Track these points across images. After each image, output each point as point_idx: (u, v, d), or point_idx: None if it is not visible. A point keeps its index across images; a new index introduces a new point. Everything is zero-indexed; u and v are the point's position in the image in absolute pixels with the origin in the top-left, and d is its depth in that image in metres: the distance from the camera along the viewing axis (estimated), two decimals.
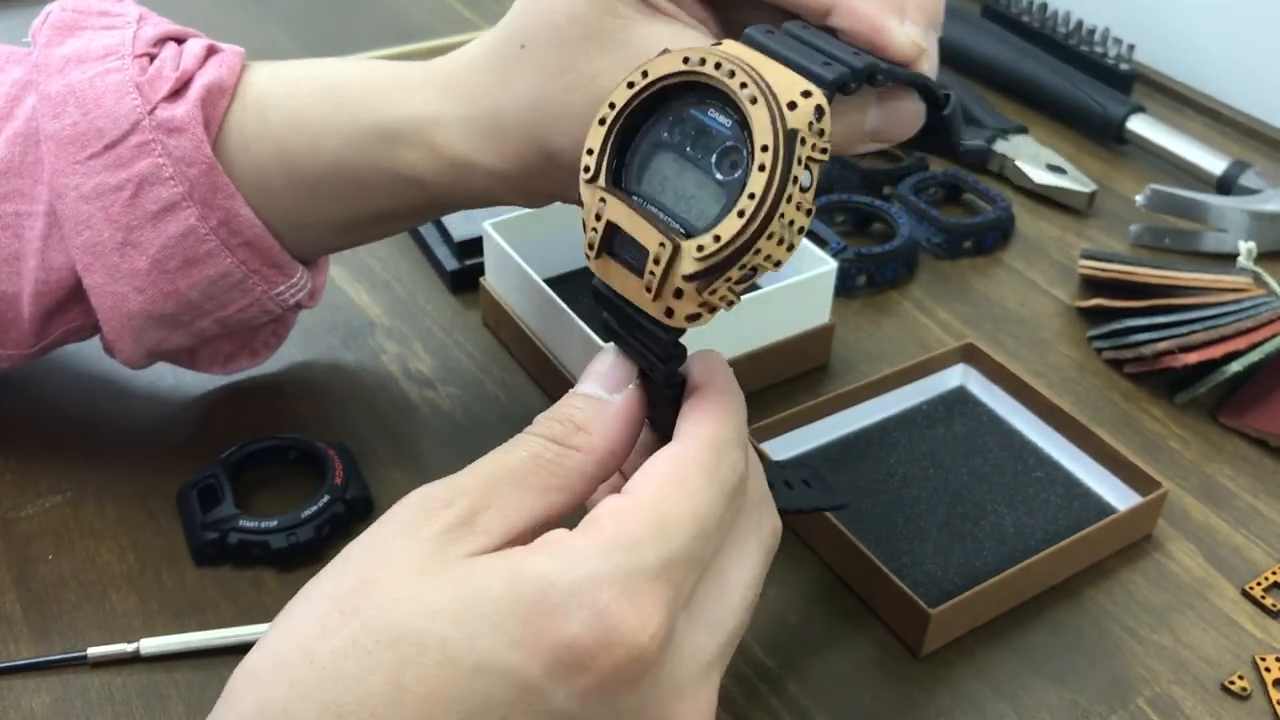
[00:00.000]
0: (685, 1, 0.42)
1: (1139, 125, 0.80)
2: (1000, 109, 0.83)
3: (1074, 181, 0.76)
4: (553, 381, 0.59)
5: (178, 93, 0.47)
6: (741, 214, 0.32)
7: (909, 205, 0.72)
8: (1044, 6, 0.92)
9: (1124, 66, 0.86)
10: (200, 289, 0.49)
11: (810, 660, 0.48)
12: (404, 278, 0.67)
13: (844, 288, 0.67)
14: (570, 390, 0.36)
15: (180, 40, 0.50)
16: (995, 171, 0.79)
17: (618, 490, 0.33)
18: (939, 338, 0.65)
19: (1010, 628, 0.49)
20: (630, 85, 0.33)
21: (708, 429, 0.34)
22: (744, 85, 0.32)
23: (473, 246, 0.65)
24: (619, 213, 0.33)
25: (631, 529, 0.31)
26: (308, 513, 0.50)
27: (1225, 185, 0.75)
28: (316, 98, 0.47)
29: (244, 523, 0.50)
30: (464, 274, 0.66)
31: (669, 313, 0.33)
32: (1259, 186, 0.73)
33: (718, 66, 0.32)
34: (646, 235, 0.33)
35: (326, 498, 0.51)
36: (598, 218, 0.34)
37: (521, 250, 0.59)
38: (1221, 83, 0.88)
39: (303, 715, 0.30)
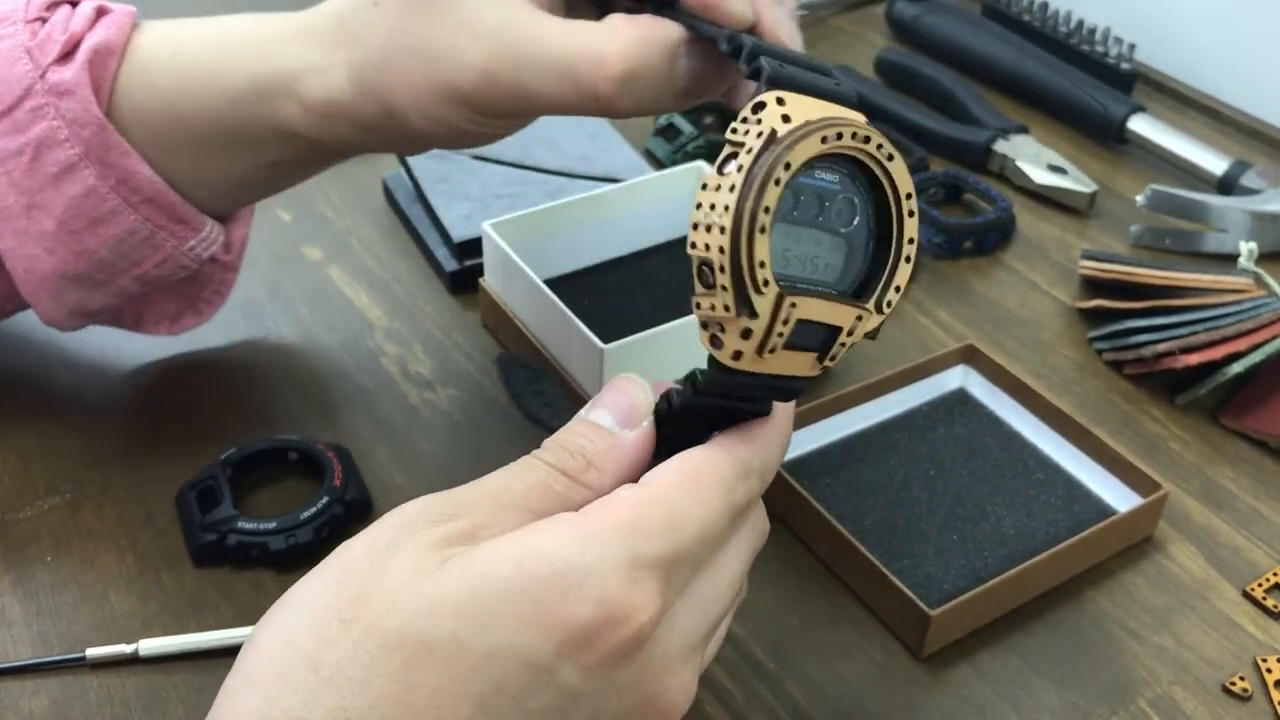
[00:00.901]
0: None
1: (1140, 125, 0.80)
2: (1001, 109, 0.83)
3: (1075, 182, 0.75)
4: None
5: (67, 55, 0.48)
6: (909, 260, 0.35)
7: None
8: (1045, 6, 0.91)
9: (1125, 66, 0.86)
10: (109, 247, 0.50)
11: (810, 662, 0.48)
12: (403, 279, 0.67)
13: None
14: (581, 415, 0.36)
15: (75, 2, 0.50)
16: (996, 172, 0.78)
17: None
18: (939, 339, 0.65)
19: (1011, 629, 0.49)
20: (778, 183, 0.32)
21: (743, 450, 0.34)
22: (879, 146, 0.34)
23: (472, 247, 0.65)
24: (812, 309, 0.33)
25: (647, 520, 0.32)
26: (307, 514, 0.50)
27: (1226, 185, 0.75)
28: (198, 57, 0.49)
29: (243, 524, 0.50)
30: (463, 275, 0.66)
31: (831, 362, 0.35)
32: (1260, 187, 0.73)
33: (853, 137, 0.33)
34: (841, 316, 0.34)
35: (325, 499, 0.51)
36: (786, 321, 0.33)
37: (521, 251, 0.59)
38: (1222, 83, 0.88)
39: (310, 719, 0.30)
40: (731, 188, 0.31)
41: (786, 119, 0.32)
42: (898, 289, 0.35)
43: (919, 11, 0.93)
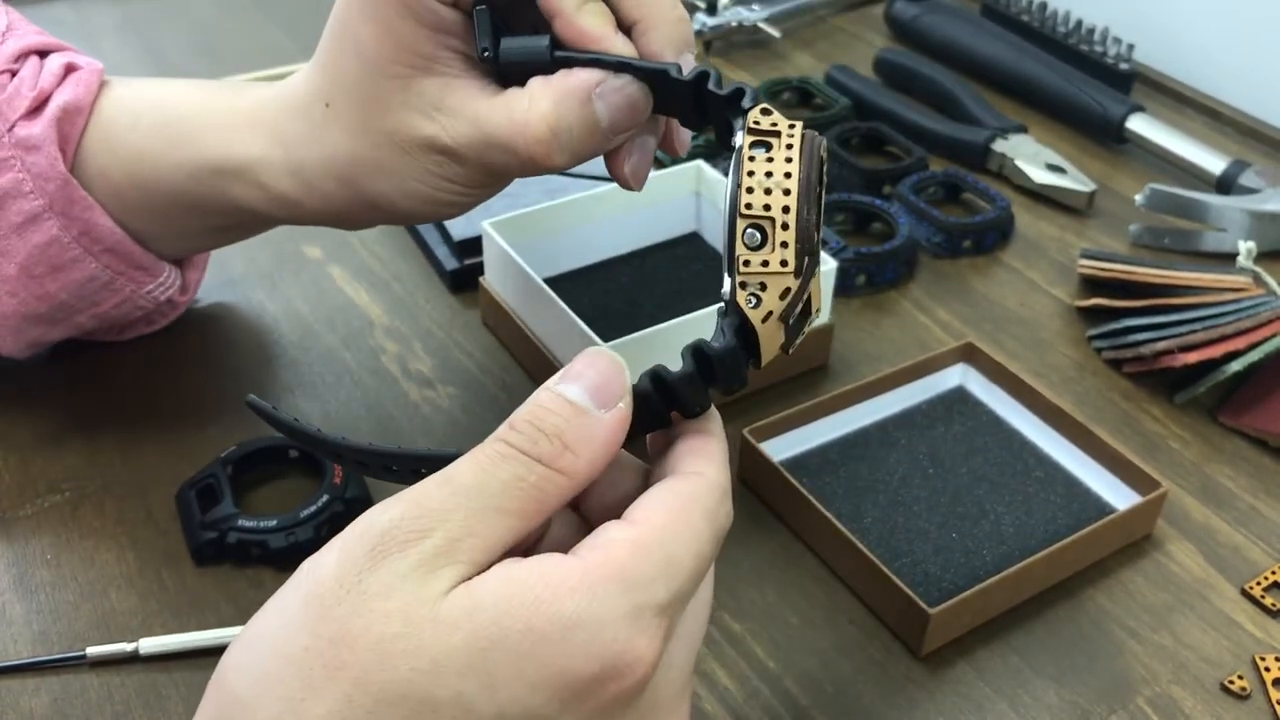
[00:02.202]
0: (457, 54, 0.44)
1: (1138, 125, 0.80)
2: (1000, 108, 0.83)
3: (1073, 181, 0.75)
4: None
5: (35, 110, 0.50)
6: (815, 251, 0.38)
7: (908, 204, 0.72)
8: (1043, 6, 0.92)
9: (1123, 66, 0.86)
10: (69, 291, 0.52)
11: (810, 660, 0.48)
12: (404, 277, 0.67)
13: (843, 287, 0.67)
14: (549, 386, 0.33)
15: (44, 54, 0.52)
16: (995, 171, 0.79)
17: None
18: (938, 337, 0.65)
19: (1010, 627, 0.49)
20: (823, 162, 0.36)
21: (715, 472, 0.34)
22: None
23: (472, 246, 0.65)
24: (815, 284, 0.37)
25: (646, 566, 0.31)
26: (307, 512, 0.50)
27: (1225, 185, 0.75)
28: (154, 132, 0.50)
29: (243, 522, 0.50)
30: (463, 273, 0.66)
31: (762, 365, 0.36)
32: (1258, 186, 0.73)
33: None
34: (815, 295, 0.37)
35: (325, 497, 0.51)
36: (809, 289, 0.36)
37: (521, 250, 0.59)
38: (1221, 82, 0.88)
39: None
40: (788, 159, 0.35)
41: (791, 124, 0.37)
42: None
43: (918, 11, 0.93)
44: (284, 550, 0.49)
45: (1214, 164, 0.76)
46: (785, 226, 0.34)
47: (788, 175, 0.35)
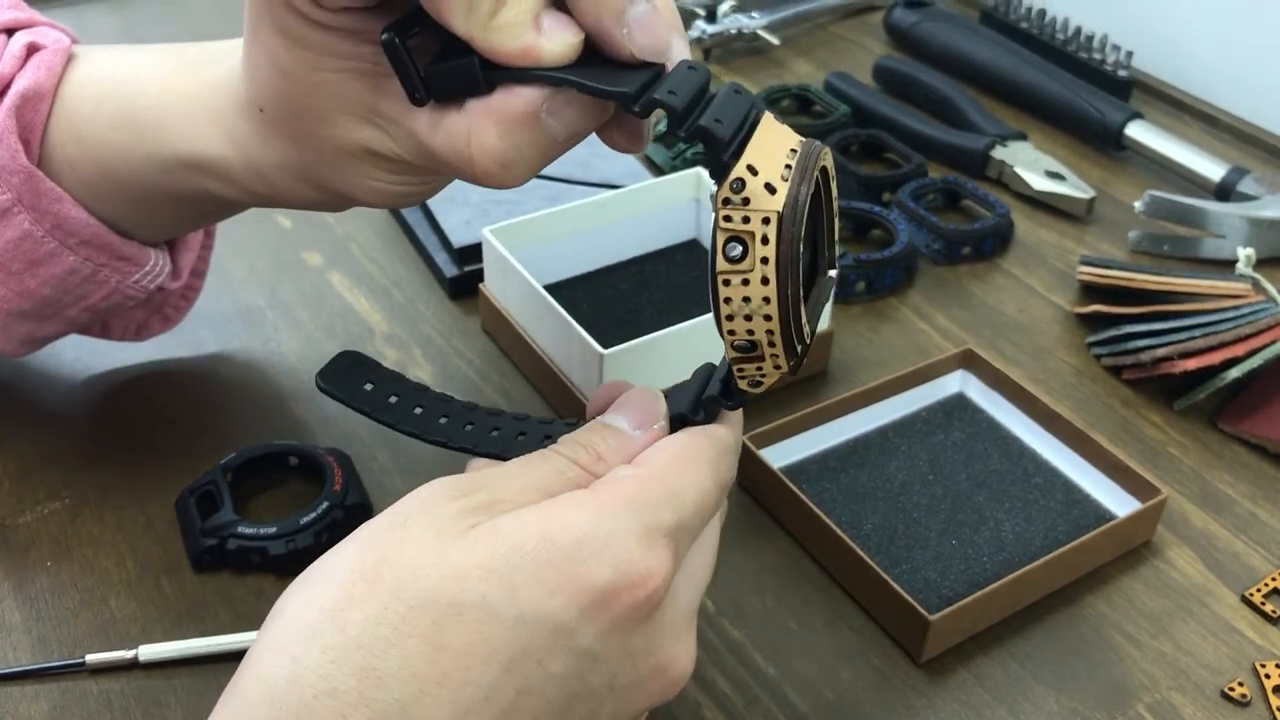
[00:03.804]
0: (373, 53, 0.39)
1: (1137, 131, 0.80)
2: (999, 115, 0.83)
3: (1073, 188, 0.76)
4: (552, 387, 0.59)
5: None
6: (832, 265, 0.40)
7: (908, 211, 0.72)
8: (1042, 13, 0.92)
9: (1122, 73, 0.86)
10: (52, 286, 0.50)
11: (810, 667, 0.48)
12: (403, 284, 0.67)
13: (843, 294, 0.67)
14: (600, 420, 0.38)
15: (10, 31, 0.49)
16: (994, 178, 0.79)
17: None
18: (938, 344, 0.65)
19: (1010, 634, 0.49)
20: (798, 257, 0.34)
21: (720, 432, 0.38)
22: (824, 169, 0.36)
23: (472, 253, 0.65)
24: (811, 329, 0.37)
25: (652, 492, 0.34)
26: (307, 519, 0.50)
27: (1223, 191, 0.75)
28: (118, 124, 0.47)
29: (243, 529, 0.50)
30: (463, 280, 0.66)
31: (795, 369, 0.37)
32: (1257, 193, 0.73)
33: (821, 173, 0.36)
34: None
35: (325, 504, 0.51)
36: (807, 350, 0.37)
37: (521, 256, 0.59)
38: (1219, 89, 0.88)
39: (341, 681, 0.30)
40: (764, 280, 0.33)
41: (770, 188, 0.33)
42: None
43: (917, 19, 0.93)
44: (284, 557, 0.49)
45: (1213, 171, 0.76)
46: (773, 344, 0.35)
47: (766, 300, 0.34)
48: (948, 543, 0.52)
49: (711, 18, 0.94)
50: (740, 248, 0.33)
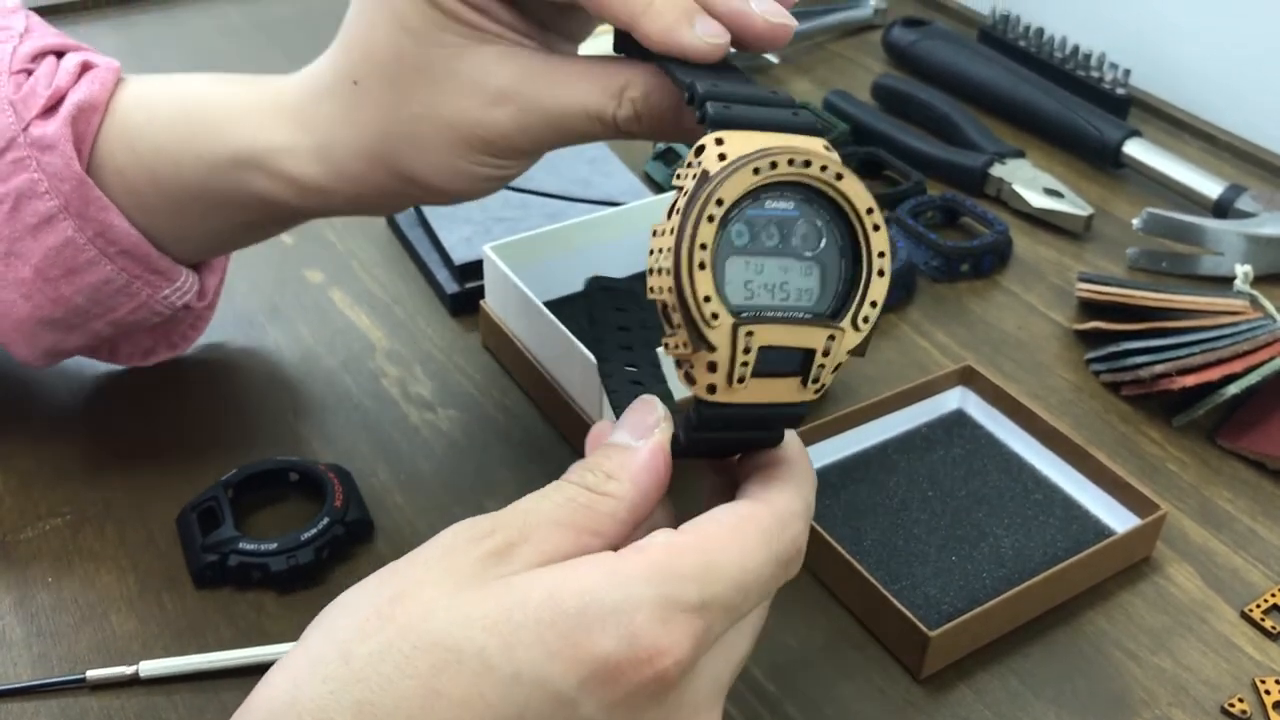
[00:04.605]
0: (507, 20, 0.43)
1: (1135, 149, 0.80)
2: (998, 133, 0.84)
3: (1071, 205, 0.76)
4: (552, 403, 0.59)
5: (51, 110, 0.49)
6: (882, 273, 0.35)
7: (906, 228, 0.72)
8: (1041, 32, 0.92)
9: (1120, 91, 0.86)
10: (85, 295, 0.51)
11: (810, 683, 0.48)
12: (404, 301, 0.67)
13: None
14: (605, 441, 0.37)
15: (60, 54, 0.51)
16: (992, 195, 0.79)
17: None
18: (937, 360, 0.65)
19: (1009, 650, 0.49)
20: (711, 219, 0.33)
21: (782, 499, 0.35)
22: (824, 168, 0.34)
23: (473, 270, 0.65)
24: (770, 334, 0.34)
25: (679, 563, 0.32)
26: (307, 535, 0.50)
27: (1221, 209, 0.75)
28: (174, 125, 0.49)
29: (244, 545, 0.50)
30: (464, 297, 0.66)
31: (821, 388, 0.35)
32: (1255, 210, 0.74)
33: (790, 164, 0.34)
34: (809, 338, 0.34)
35: (326, 520, 0.51)
36: (747, 350, 0.34)
37: (521, 273, 0.59)
38: (1217, 107, 0.88)
39: (337, 713, 0.30)
40: (671, 231, 0.33)
41: (723, 157, 0.33)
42: (874, 303, 0.35)
43: (916, 37, 0.93)
44: (284, 573, 0.49)
45: (1210, 188, 0.76)
46: (674, 309, 0.33)
47: (666, 251, 0.33)
48: (947, 559, 0.52)
49: None
50: (672, 203, 0.34)
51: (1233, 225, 0.72)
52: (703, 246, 0.33)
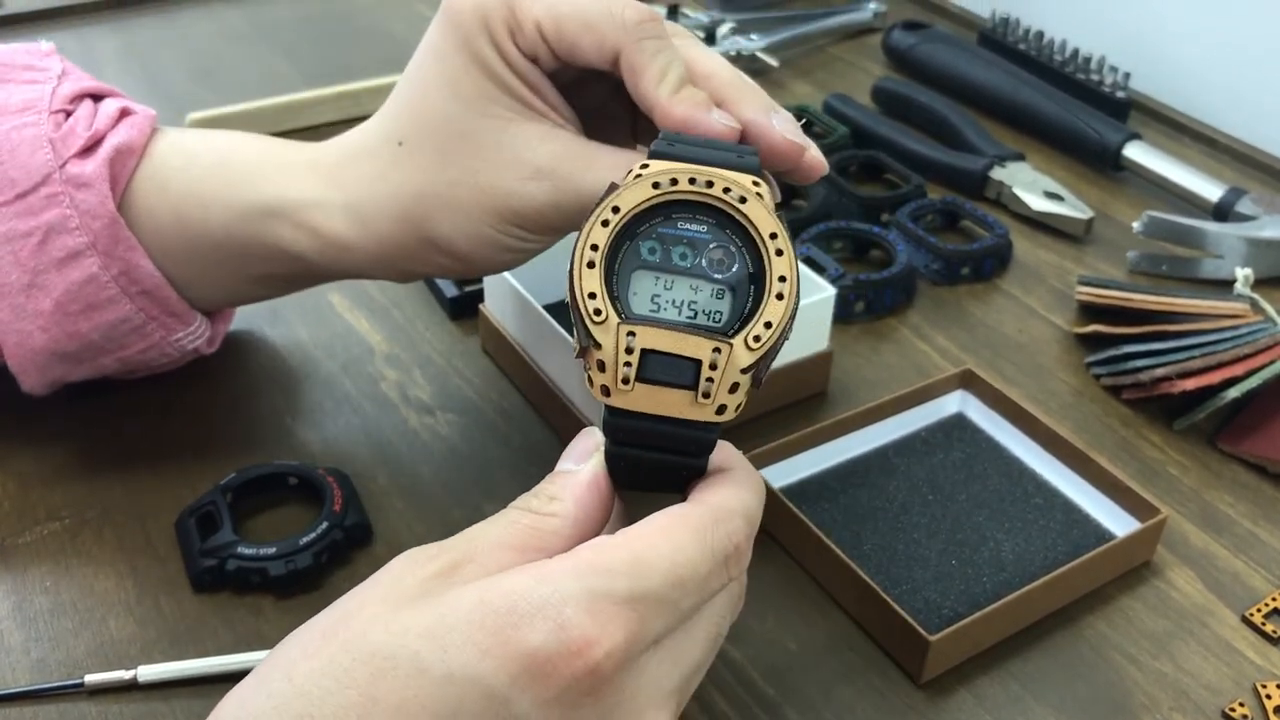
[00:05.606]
0: (554, 102, 0.45)
1: (1135, 152, 0.80)
2: (998, 136, 0.84)
3: (1071, 208, 0.76)
4: (551, 407, 0.59)
5: (89, 150, 0.50)
6: (780, 296, 0.35)
7: (907, 232, 0.72)
8: (1041, 34, 0.92)
9: (1120, 94, 0.86)
10: (101, 331, 0.52)
11: (809, 688, 0.48)
12: (403, 305, 0.67)
13: (842, 314, 0.67)
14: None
15: (97, 98, 0.53)
16: (993, 198, 0.79)
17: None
18: (937, 364, 0.65)
19: (1010, 655, 0.49)
20: (605, 224, 0.35)
21: (717, 497, 0.36)
22: (726, 190, 0.35)
23: None
24: (654, 338, 0.35)
25: (607, 560, 0.33)
26: (306, 540, 0.50)
27: (1221, 212, 0.75)
28: (209, 171, 0.51)
29: (242, 549, 0.50)
30: (463, 301, 0.66)
31: (721, 409, 0.35)
32: (1255, 213, 0.74)
33: (691, 182, 0.35)
34: (693, 347, 0.35)
35: (325, 525, 0.51)
36: (629, 351, 0.35)
37: (520, 277, 0.59)
38: (1217, 110, 0.88)
39: None
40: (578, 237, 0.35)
41: (638, 177, 0.36)
42: (768, 324, 0.35)
43: (916, 41, 0.94)
44: (283, 578, 0.49)
45: (1211, 191, 0.76)
46: (570, 307, 0.35)
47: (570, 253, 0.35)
48: (948, 563, 0.52)
49: (711, 40, 0.95)
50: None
51: (1233, 228, 0.72)
52: (593, 247, 0.35)
